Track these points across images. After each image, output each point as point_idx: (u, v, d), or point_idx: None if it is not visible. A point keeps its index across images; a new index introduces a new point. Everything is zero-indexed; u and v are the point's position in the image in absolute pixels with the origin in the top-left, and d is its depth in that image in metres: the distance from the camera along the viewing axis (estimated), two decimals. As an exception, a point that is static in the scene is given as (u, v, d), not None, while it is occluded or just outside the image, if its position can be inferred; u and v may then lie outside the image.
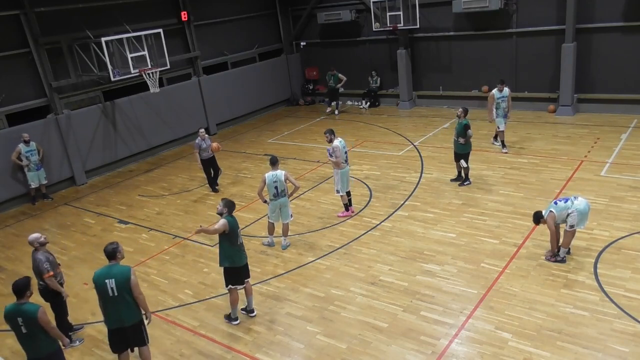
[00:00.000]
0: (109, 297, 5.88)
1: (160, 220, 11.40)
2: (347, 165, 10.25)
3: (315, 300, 7.75)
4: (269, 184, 8.93)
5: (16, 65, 13.29)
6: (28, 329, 5.63)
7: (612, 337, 6.24)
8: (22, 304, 5.65)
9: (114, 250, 6.02)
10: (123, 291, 5.87)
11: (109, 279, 5.84)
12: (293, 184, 9.07)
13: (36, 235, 7.11)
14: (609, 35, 14.56)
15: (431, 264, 8.29)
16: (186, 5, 16.86)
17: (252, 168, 14.17)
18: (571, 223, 7.59)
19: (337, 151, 9.86)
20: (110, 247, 6.03)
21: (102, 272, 5.95)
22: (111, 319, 6.01)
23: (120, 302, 5.91)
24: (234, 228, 6.97)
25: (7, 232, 11.85)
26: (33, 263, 7.03)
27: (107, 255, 6.02)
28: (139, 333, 6.20)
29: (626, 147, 12.31)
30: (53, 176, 13.98)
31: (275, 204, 9.07)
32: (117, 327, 6.02)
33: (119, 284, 5.85)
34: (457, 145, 10.91)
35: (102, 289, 5.87)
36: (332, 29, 19.92)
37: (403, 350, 6.47)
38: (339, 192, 10.24)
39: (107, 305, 5.96)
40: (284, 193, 9.03)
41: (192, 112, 17.49)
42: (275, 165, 9.05)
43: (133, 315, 6.04)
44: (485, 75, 16.98)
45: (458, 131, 10.78)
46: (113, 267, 5.96)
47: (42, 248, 7.07)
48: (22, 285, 5.68)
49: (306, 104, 21.51)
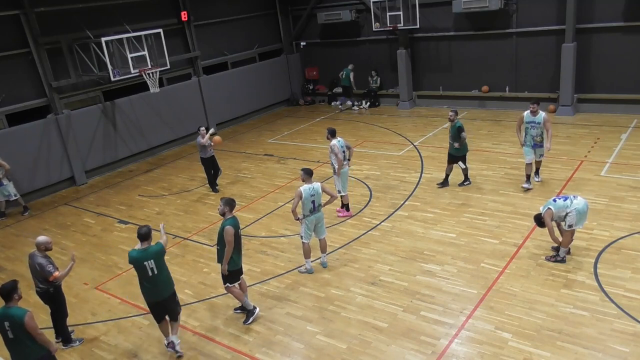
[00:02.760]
0: (149, 276, 6.43)
1: (160, 220, 11.35)
2: (346, 166, 10.23)
3: (315, 300, 7.75)
4: (305, 199, 7.97)
5: (16, 65, 13.29)
6: (14, 334, 5.49)
7: (612, 337, 6.24)
8: (10, 308, 5.54)
9: (149, 231, 6.45)
10: (162, 267, 6.50)
11: (147, 261, 6.36)
12: (331, 195, 8.32)
13: (45, 239, 7.03)
14: (609, 35, 14.56)
15: (431, 264, 8.28)
16: (186, 5, 16.86)
17: (252, 168, 14.17)
18: (570, 223, 7.58)
19: (334, 148, 9.90)
20: (146, 229, 6.43)
21: (139, 255, 6.39)
22: (155, 294, 6.58)
23: (162, 278, 6.52)
24: (238, 229, 7.02)
25: (7, 232, 11.85)
26: (33, 267, 6.95)
27: (142, 236, 6.41)
28: (174, 301, 6.84)
29: (626, 147, 12.31)
30: (53, 176, 13.99)
31: (311, 219, 8.16)
32: (160, 299, 6.60)
33: (157, 262, 6.42)
34: (453, 148, 10.69)
35: (142, 270, 6.40)
36: (332, 29, 19.93)
37: (403, 350, 6.47)
38: (341, 192, 10.20)
39: (149, 283, 6.49)
40: (320, 207, 8.21)
41: (192, 112, 17.49)
42: (311, 177, 8.16)
43: (169, 288, 6.70)
44: (485, 76, 16.99)
45: (452, 134, 10.53)
46: (148, 248, 6.41)
47: (43, 253, 7.00)
48: (9, 289, 5.55)
49: (306, 104, 21.51)
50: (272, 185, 12.60)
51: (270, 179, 13.05)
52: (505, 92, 16.79)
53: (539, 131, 10.00)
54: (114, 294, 8.62)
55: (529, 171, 10.46)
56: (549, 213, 7.61)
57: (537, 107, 9.98)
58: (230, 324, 7.42)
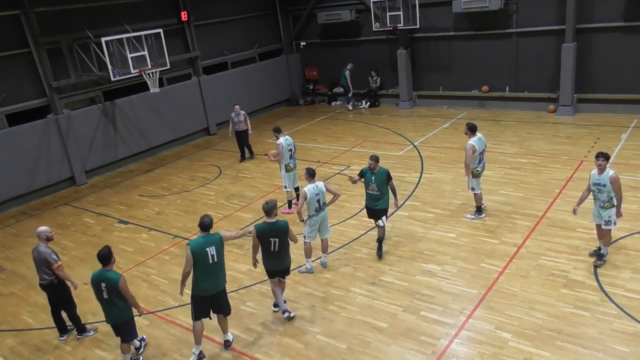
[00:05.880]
0: (209, 264, 6.27)
1: (160, 220, 11.39)
2: (293, 167, 10.61)
3: (315, 300, 7.75)
4: (310, 199, 7.99)
5: (16, 65, 13.29)
6: (109, 294, 6.12)
7: (612, 337, 6.24)
8: (107, 271, 6.14)
9: (211, 222, 6.42)
10: (221, 256, 6.38)
11: (209, 247, 6.26)
12: (334, 193, 8.29)
13: (46, 229, 7.26)
14: (609, 35, 14.56)
15: (431, 264, 8.28)
16: (186, 5, 16.86)
17: (252, 168, 14.16)
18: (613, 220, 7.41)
19: (278, 147, 10.42)
20: (209, 219, 6.39)
21: (199, 241, 6.31)
22: (210, 286, 6.37)
23: (219, 269, 6.41)
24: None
25: (7, 232, 11.85)
26: (38, 256, 7.05)
27: (204, 227, 6.34)
28: (225, 298, 6.71)
29: (626, 147, 12.31)
30: (53, 176, 14.00)
31: (316, 219, 8.18)
32: (212, 293, 6.42)
33: (218, 250, 6.32)
34: (379, 199, 8.43)
35: (203, 257, 6.24)
36: (332, 29, 19.93)
37: (403, 350, 6.47)
38: (286, 189, 10.64)
39: (206, 273, 6.31)
40: (325, 206, 8.23)
41: (192, 112, 17.49)
42: (314, 177, 8.18)
43: (223, 281, 6.57)
44: (485, 75, 16.99)
45: (379, 182, 8.35)
46: (208, 235, 6.34)
47: (45, 242, 7.14)
48: (106, 254, 6.16)
49: (306, 103, 21.51)
50: (272, 185, 12.60)
51: (270, 179, 13.05)
52: (505, 92, 16.79)
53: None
54: (114, 294, 8.61)
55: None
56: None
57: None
58: (230, 324, 7.41)
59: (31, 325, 8.03)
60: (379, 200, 8.44)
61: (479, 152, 9.19)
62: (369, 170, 8.43)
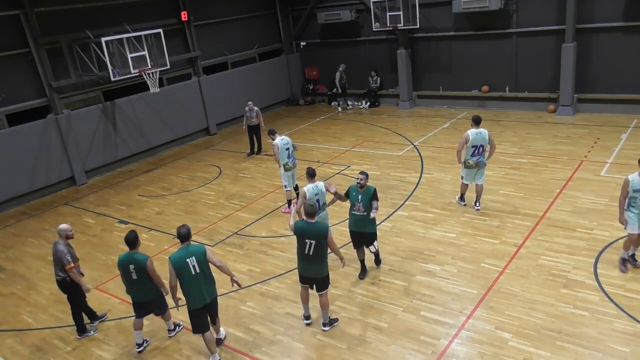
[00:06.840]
0: (192, 275, 6.17)
1: (160, 220, 11.40)
2: (292, 166, 10.61)
3: (315, 300, 7.73)
4: (310, 199, 7.80)
5: (16, 65, 13.29)
6: (138, 276, 6.50)
7: (612, 337, 6.24)
8: (134, 254, 6.51)
9: (189, 232, 6.29)
10: (203, 265, 6.20)
11: (189, 258, 6.14)
12: (334, 193, 8.17)
13: (66, 227, 7.27)
14: (609, 35, 14.56)
15: (431, 264, 8.28)
16: (186, 5, 16.86)
17: (252, 168, 14.17)
18: None
19: (274, 148, 10.51)
20: (185, 229, 6.25)
21: (179, 254, 6.16)
22: (198, 296, 6.26)
23: (205, 279, 6.28)
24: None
25: (7, 232, 11.85)
26: (55, 254, 7.10)
27: (182, 237, 6.21)
28: (215, 307, 6.62)
29: (626, 147, 12.31)
30: (53, 176, 14.00)
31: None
32: (204, 304, 6.31)
33: (200, 260, 6.16)
34: (361, 220, 7.75)
35: (185, 269, 6.11)
36: (332, 29, 19.92)
37: (403, 350, 6.47)
38: (286, 188, 10.64)
39: (192, 284, 6.20)
40: (325, 206, 8.14)
41: (192, 112, 17.49)
42: (314, 177, 8.12)
43: (213, 291, 6.46)
44: (485, 75, 16.99)
45: (365, 203, 7.63)
46: (188, 247, 6.24)
47: (64, 241, 7.18)
48: (133, 238, 6.49)
49: (306, 103, 21.51)
50: (272, 185, 12.60)
51: (270, 179, 13.05)
52: (505, 92, 16.78)
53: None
54: (114, 294, 8.61)
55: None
56: None
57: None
58: (230, 324, 7.42)
59: (31, 325, 8.03)
60: (367, 223, 7.71)
61: (473, 145, 9.31)
62: (357, 188, 7.68)
